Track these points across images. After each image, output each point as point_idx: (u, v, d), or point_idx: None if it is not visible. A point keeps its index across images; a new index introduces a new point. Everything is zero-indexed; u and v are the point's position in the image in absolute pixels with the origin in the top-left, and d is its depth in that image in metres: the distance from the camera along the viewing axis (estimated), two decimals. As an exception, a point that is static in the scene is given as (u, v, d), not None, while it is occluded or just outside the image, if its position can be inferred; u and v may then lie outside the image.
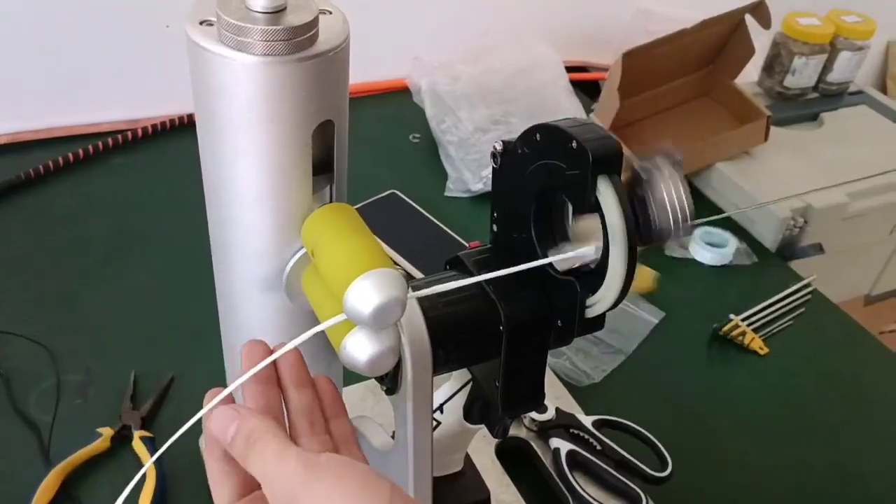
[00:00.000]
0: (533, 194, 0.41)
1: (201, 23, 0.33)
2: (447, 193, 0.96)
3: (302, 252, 0.38)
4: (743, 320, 0.82)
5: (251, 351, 0.35)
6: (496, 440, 0.65)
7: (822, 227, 0.97)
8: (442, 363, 0.42)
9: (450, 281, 0.40)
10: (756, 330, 0.82)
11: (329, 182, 0.39)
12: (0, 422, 0.64)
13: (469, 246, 0.84)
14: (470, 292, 0.42)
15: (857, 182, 1.00)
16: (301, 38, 0.32)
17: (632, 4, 1.24)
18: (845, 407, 0.77)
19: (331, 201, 0.40)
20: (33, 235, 0.83)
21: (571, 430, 0.66)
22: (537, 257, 0.40)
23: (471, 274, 0.41)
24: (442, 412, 0.50)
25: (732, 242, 0.91)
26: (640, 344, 0.79)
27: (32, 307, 0.75)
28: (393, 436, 0.47)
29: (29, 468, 0.60)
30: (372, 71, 1.12)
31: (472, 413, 0.48)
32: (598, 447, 0.65)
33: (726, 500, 0.67)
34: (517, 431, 0.66)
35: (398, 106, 1.10)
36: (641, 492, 0.62)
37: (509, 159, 0.42)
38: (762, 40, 1.06)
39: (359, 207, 0.90)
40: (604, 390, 0.74)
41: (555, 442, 0.65)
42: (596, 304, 0.39)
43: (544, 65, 1.09)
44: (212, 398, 0.34)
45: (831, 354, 0.83)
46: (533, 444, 0.65)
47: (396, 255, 0.84)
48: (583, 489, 0.62)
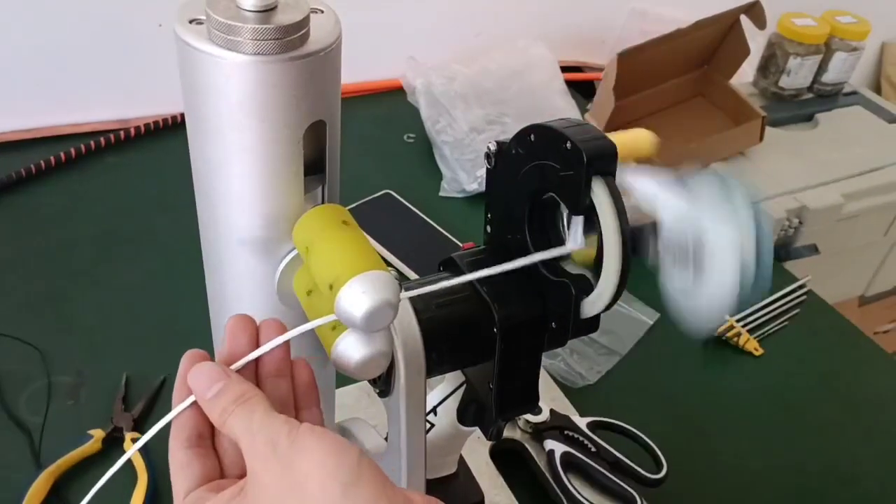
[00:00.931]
0: (527, 195, 0.40)
1: (191, 21, 0.33)
2: (442, 193, 0.96)
3: (294, 253, 0.38)
4: (738, 321, 0.81)
5: (235, 328, 0.35)
6: (490, 442, 0.64)
7: (817, 228, 0.97)
8: (435, 366, 0.41)
9: (442, 282, 0.40)
10: (751, 331, 0.81)
11: (321, 183, 0.39)
12: (-10, 424, 0.64)
13: (463, 247, 0.83)
14: (463, 294, 0.42)
15: (853, 182, 1.00)
16: (292, 38, 0.32)
17: (626, 5, 1.24)
18: (840, 408, 0.77)
19: (323, 202, 0.40)
20: (23, 236, 0.82)
21: (566, 432, 0.66)
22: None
23: (464, 275, 0.41)
24: (435, 414, 0.50)
25: (727, 243, 0.91)
26: (635, 345, 0.78)
27: (23, 308, 0.74)
28: (386, 438, 0.46)
29: (19, 470, 0.60)
30: (366, 71, 1.12)
31: (466, 415, 0.48)
32: (593, 449, 0.65)
33: (721, 502, 0.67)
34: (511, 433, 0.66)
35: (393, 106, 1.09)
36: (636, 494, 0.61)
37: (503, 160, 0.41)
38: (757, 41, 1.06)
39: (353, 208, 0.89)
40: (598, 392, 0.73)
41: (549, 444, 0.64)
42: (591, 306, 0.39)
43: (539, 65, 1.08)
44: (192, 359, 0.34)
45: (826, 356, 0.83)
46: (527, 446, 0.65)
47: (390, 256, 0.83)
48: (577, 491, 0.61)
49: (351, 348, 0.34)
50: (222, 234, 0.38)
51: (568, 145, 0.36)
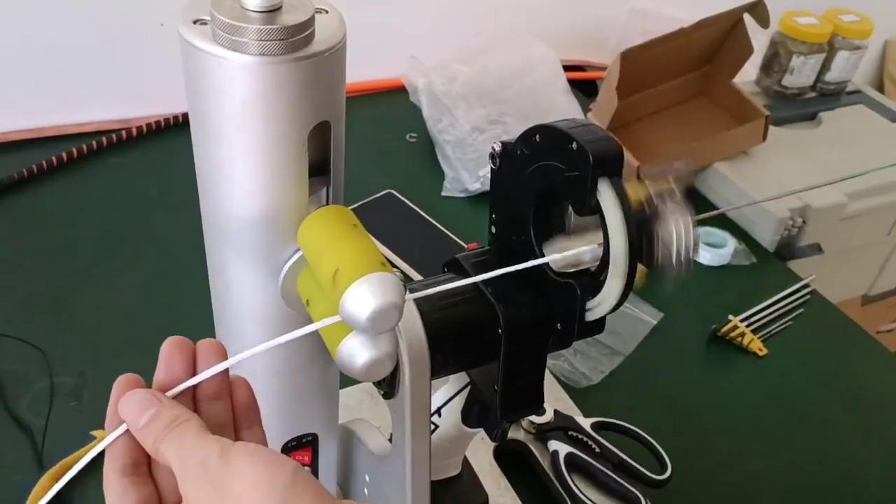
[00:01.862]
0: (532, 196, 0.40)
1: (195, 22, 0.32)
2: (444, 193, 0.96)
3: (298, 255, 0.38)
4: (742, 321, 0.81)
5: (171, 356, 0.35)
6: (494, 443, 0.64)
7: (821, 228, 0.97)
8: (440, 367, 0.41)
9: (447, 283, 0.40)
10: (755, 331, 0.81)
11: (325, 184, 0.39)
12: (-8, 425, 0.64)
13: (467, 248, 0.83)
14: (468, 295, 0.41)
15: (856, 181, 0.99)
16: (297, 38, 0.32)
17: (627, 4, 1.23)
18: (844, 408, 0.77)
19: (327, 203, 0.39)
20: (25, 236, 0.82)
21: (570, 433, 0.65)
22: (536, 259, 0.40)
23: (469, 276, 0.41)
24: (440, 416, 0.49)
25: (731, 243, 0.91)
26: (639, 345, 0.78)
27: (25, 308, 0.74)
28: (390, 439, 0.46)
29: (22, 472, 0.60)
30: (368, 70, 1.11)
31: (471, 417, 0.48)
32: (597, 450, 0.65)
33: (725, 503, 0.67)
34: (515, 434, 0.66)
35: (394, 105, 1.09)
36: (641, 495, 0.61)
37: (508, 160, 0.41)
38: (760, 39, 1.06)
39: (355, 207, 0.89)
40: (602, 392, 0.73)
41: (553, 444, 0.64)
42: (596, 308, 0.39)
43: (541, 64, 1.08)
44: (123, 386, 0.33)
45: (830, 355, 0.83)
46: (531, 447, 0.65)
47: (393, 256, 0.83)
48: (581, 492, 0.61)
49: (356, 350, 0.34)
50: (226, 236, 0.38)
51: (574, 146, 0.36)
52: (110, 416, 0.33)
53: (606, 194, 0.36)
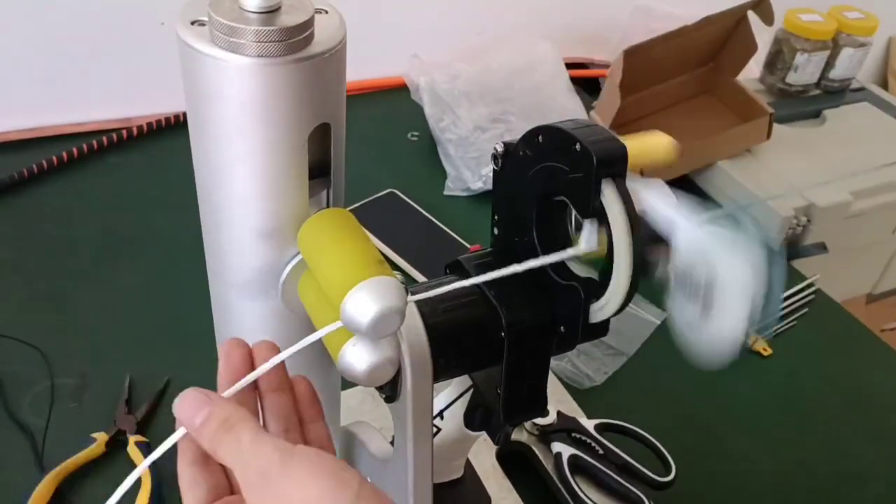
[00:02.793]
0: (535, 197, 0.40)
1: (193, 23, 0.32)
2: (446, 192, 0.95)
3: (298, 258, 0.37)
4: (746, 321, 0.81)
5: (230, 352, 0.34)
6: (497, 446, 0.64)
7: (826, 226, 0.96)
8: (442, 371, 0.41)
9: (449, 285, 0.39)
10: (759, 331, 0.81)
11: (326, 186, 0.38)
12: (-7, 427, 0.63)
13: (470, 249, 0.83)
14: (471, 298, 0.41)
15: (861, 179, 0.99)
16: (296, 39, 0.31)
17: (631, 1, 1.23)
18: (849, 408, 0.76)
19: (328, 206, 0.39)
20: (25, 236, 0.82)
21: (573, 434, 0.65)
22: (540, 262, 0.39)
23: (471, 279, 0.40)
24: (442, 418, 0.49)
25: (735, 242, 0.90)
26: (643, 345, 0.78)
27: (25, 309, 0.74)
28: (392, 442, 0.46)
29: (22, 474, 0.60)
30: (369, 69, 1.11)
31: (473, 420, 0.47)
32: (601, 451, 0.64)
33: (730, 505, 0.66)
34: (518, 436, 0.65)
35: (396, 104, 1.09)
36: (645, 497, 0.61)
37: (510, 161, 0.41)
38: (764, 37, 1.05)
39: (357, 207, 0.89)
40: (606, 393, 0.73)
41: (556, 446, 0.64)
42: (600, 310, 0.38)
43: (544, 62, 1.08)
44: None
45: (835, 355, 0.82)
46: (534, 449, 0.65)
47: (394, 255, 0.83)
48: (585, 494, 0.61)
49: (358, 356, 0.34)
50: (226, 238, 0.38)
51: (577, 147, 0.35)
52: (176, 401, 0.32)
53: (611, 196, 0.35)
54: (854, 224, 1.00)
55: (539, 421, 0.65)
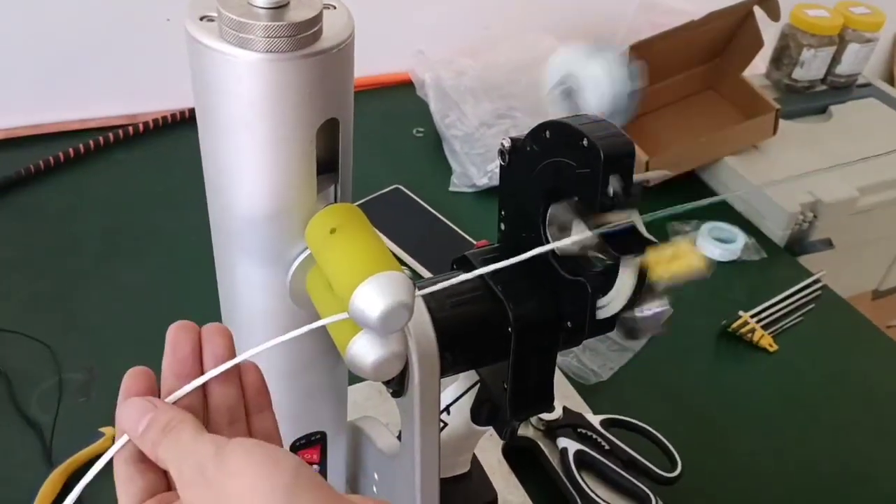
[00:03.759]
0: (542, 192, 0.40)
1: (201, 18, 0.32)
2: (451, 188, 0.95)
3: (306, 253, 0.37)
4: (752, 317, 0.81)
5: (177, 340, 0.34)
6: (503, 441, 0.64)
7: (832, 222, 0.96)
8: (449, 366, 0.41)
9: (456, 280, 0.40)
10: (765, 326, 0.81)
11: (333, 181, 0.38)
12: (1, 422, 0.64)
13: (476, 245, 0.83)
14: (478, 293, 0.41)
15: (867, 175, 0.98)
16: (304, 35, 0.31)
17: (635, -3, 1.22)
18: (855, 404, 0.76)
19: (335, 201, 0.39)
20: (31, 233, 0.82)
21: (579, 430, 0.65)
22: (546, 256, 0.39)
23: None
24: (448, 413, 0.49)
25: (741, 238, 0.90)
26: (648, 341, 0.78)
27: (32, 306, 0.74)
28: (399, 436, 0.46)
29: (30, 469, 0.60)
30: (374, 65, 1.11)
31: (480, 415, 0.47)
32: (607, 447, 0.64)
33: (735, 500, 0.66)
34: (524, 431, 0.65)
35: (401, 100, 1.09)
36: (650, 492, 0.61)
37: (517, 157, 0.41)
38: (770, 32, 1.05)
39: (362, 203, 0.89)
40: (612, 389, 0.73)
41: (562, 442, 0.64)
42: (607, 306, 0.38)
43: (549, 58, 1.07)
44: (133, 377, 0.33)
45: (841, 351, 0.82)
46: (540, 444, 0.65)
47: (400, 251, 0.83)
48: (591, 490, 0.61)
49: (365, 350, 0.34)
50: (234, 234, 0.38)
51: (584, 142, 0.35)
52: (119, 410, 0.32)
53: (618, 191, 0.35)
54: (860, 220, 1.00)
55: (545, 416, 0.65)
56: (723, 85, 1.07)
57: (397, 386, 0.41)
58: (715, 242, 0.89)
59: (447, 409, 0.49)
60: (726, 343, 0.80)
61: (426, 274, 0.80)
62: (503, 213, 0.44)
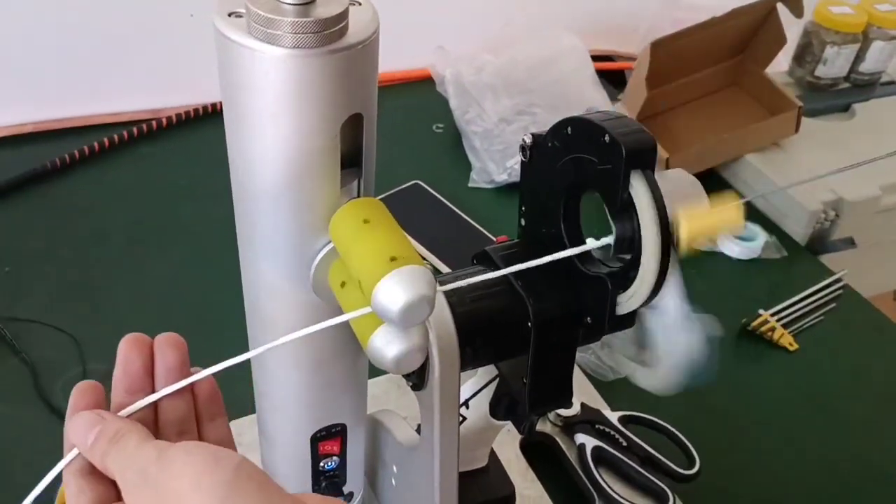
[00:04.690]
0: (563, 189, 0.40)
1: (230, 14, 0.33)
2: (471, 184, 0.95)
3: (329, 246, 0.38)
4: (772, 315, 0.80)
5: (128, 355, 0.34)
6: (520, 435, 0.64)
7: (854, 221, 0.95)
8: (469, 360, 0.41)
9: (478, 276, 0.40)
10: (785, 325, 0.80)
11: (357, 176, 0.39)
12: (26, 411, 0.65)
13: (496, 240, 0.83)
14: (498, 288, 0.41)
15: (891, 174, 0.97)
16: (331, 31, 0.32)
17: (658, -7, 1.22)
18: (876, 404, 0.76)
19: (359, 195, 0.39)
20: (58, 225, 0.83)
21: (597, 426, 0.65)
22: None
23: (498, 269, 0.40)
24: (467, 407, 0.49)
25: (761, 236, 0.90)
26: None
27: (58, 297, 0.75)
28: (418, 430, 0.46)
29: (55, 459, 0.61)
30: (395, 60, 1.11)
31: (499, 409, 0.48)
32: (624, 443, 0.64)
33: (754, 499, 0.66)
34: (542, 427, 0.66)
35: (421, 96, 1.09)
36: (668, 489, 0.61)
37: (538, 153, 0.41)
38: (793, 29, 1.04)
39: (382, 198, 0.89)
40: (629, 385, 0.73)
41: (580, 438, 0.64)
42: (627, 302, 0.39)
43: (569, 54, 1.07)
44: (81, 392, 0.33)
45: (862, 351, 0.81)
46: (558, 440, 0.65)
47: (419, 246, 0.83)
48: (608, 486, 0.61)
49: (387, 343, 0.34)
50: (258, 228, 0.38)
51: (606, 139, 0.36)
52: (68, 424, 0.33)
53: (639, 188, 0.36)
54: (883, 219, 0.99)
55: (563, 412, 0.65)
56: (746, 82, 1.06)
57: (417, 379, 0.42)
58: (735, 240, 0.89)
59: (466, 403, 0.49)
60: (746, 341, 0.80)
61: (444, 269, 0.80)
62: (523, 209, 0.44)
